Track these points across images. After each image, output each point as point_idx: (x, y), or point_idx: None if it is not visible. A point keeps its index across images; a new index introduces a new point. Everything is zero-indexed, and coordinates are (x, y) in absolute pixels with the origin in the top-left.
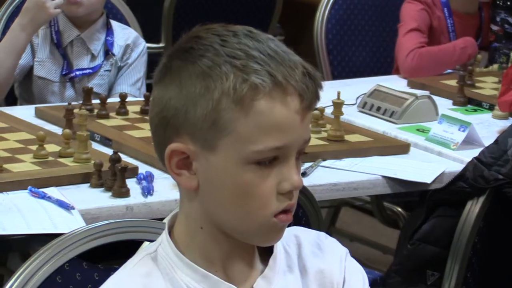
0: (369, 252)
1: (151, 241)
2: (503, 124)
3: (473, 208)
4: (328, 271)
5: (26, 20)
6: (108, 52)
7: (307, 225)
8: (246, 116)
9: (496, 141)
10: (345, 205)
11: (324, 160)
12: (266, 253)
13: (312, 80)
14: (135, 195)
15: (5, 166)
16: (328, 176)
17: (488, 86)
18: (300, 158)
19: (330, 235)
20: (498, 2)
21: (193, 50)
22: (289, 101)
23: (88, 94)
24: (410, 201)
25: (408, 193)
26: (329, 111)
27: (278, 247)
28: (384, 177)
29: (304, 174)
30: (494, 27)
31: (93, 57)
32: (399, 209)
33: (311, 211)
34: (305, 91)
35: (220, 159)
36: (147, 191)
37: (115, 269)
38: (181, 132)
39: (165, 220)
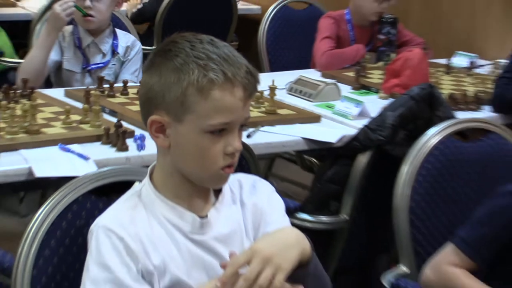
0: (293, 189)
1: (140, 181)
2: (385, 102)
3: (363, 159)
4: (259, 203)
5: (50, 27)
6: (114, 52)
7: (249, 172)
8: (205, 101)
9: (379, 114)
10: (278, 157)
11: (262, 126)
12: (217, 191)
13: (253, 77)
14: (132, 150)
15: (43, 130)
16: (265, 137)
17: (376, 76)
18: (242, 129)
19: (267, 177)
20: (383, 20)
21: (170, 51)
22: (236, 91)
23: (101, 81)
24: (321, 154)
25: (320, 149)
26: (266, 93)
27: (226, 188)
28: (303, 138)
29: (248, 136)
30: (381, 36)
31: (104, 55)
32: (314, 159)
33: (252, 162)
34: (247, 84)
35: (185, 129)
36: (140, 147)
37: (113, 201)
38: (159, 108)
39: (148, 169)
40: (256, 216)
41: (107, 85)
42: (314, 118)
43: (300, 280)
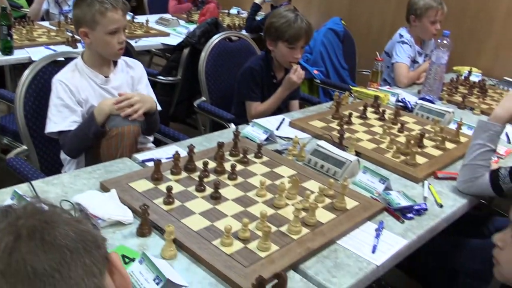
0: (159, 67)
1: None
2: (196, 25)
3: (186, 51)
4: (135, 73)
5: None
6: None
7: (132, 57)
8: (104, 19)
9: (193, 30)
10: (154, 55)
11: (142, 38)
12: (115, 63)
13: (125, 5)
14: (80, 47)
15: (37, 39)
16: (144, 43)
17: (195, 16)
18: (125, 31)
19: (150, 65)
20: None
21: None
22: (118, 12)
23: (66, 17)
24: (170, 50)
25: (169, 48)
26: (145, 23)
27: (119, 62)
28: (162, 43)
29: (136, 42)
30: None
31: (69, 6)
32: (168, 54)
33: (134, 53)
34: (123, 9)
35: (97, 33)
36: (83, 46)
37: (62, 68)
38: (83, 25)
39: (80, 53)
40: (133, 80)
41: (69, 20)
42: (167, 34)
43: (146, 120)
